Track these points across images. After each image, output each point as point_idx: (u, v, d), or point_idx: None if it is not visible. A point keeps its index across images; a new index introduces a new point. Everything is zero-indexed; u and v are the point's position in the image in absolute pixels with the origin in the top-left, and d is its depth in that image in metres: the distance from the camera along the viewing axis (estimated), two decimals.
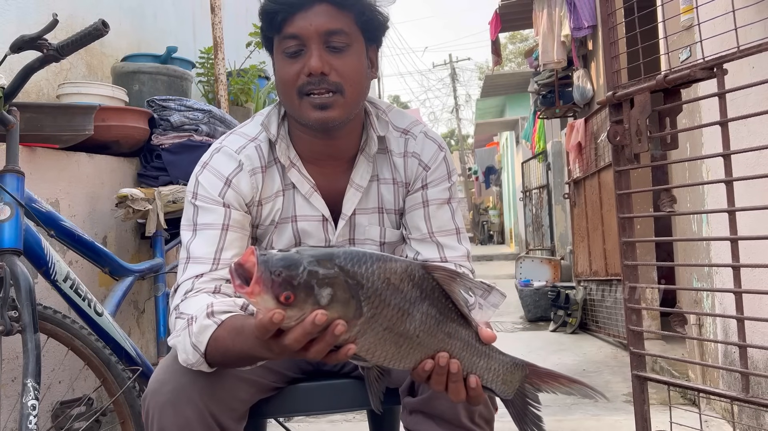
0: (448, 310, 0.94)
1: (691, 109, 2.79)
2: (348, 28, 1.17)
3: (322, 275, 0.82)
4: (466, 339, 0.96)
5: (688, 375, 3.16)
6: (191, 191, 1.23)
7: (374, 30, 1.23)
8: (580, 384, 1.02)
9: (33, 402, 1.44)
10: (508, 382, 1.00)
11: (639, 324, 1.82)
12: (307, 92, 1.16)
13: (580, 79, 5.49)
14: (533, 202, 10.01)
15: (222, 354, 1.06)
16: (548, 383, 1.02)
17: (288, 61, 1.17)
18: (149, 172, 2.62)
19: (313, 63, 1.14)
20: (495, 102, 15.37)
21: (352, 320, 0.85)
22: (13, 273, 1.52)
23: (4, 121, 1.65)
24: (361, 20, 1.19)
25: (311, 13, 1.14)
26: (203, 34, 3.85)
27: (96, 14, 2.97)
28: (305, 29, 1.15)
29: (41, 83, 2.62)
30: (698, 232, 2.89)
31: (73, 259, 2.15)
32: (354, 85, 1.18)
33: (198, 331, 1.06)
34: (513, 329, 5.58)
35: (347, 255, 0.85)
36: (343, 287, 0.83)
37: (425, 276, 0.91)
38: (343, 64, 1.17)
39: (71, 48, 1.57)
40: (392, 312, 0.87)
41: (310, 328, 0.83)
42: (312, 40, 1.15)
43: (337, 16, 1.16)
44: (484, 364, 0.98)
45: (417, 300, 0.90)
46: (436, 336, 0.93)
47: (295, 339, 0.84)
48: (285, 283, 0.80)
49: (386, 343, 0.89)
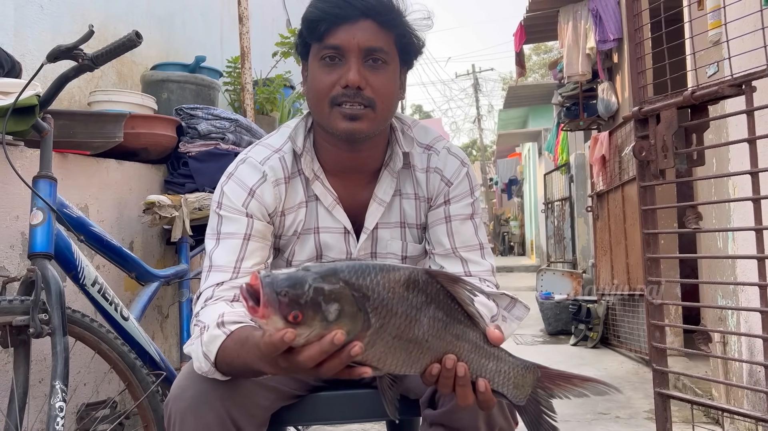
0: (454, 312, 0.94)
1: (718, 125, 2.77)
2: (387, 47, 1.19)
3: (328, 291, 0.83)
4: (474, 341, 0.96)
5: (711, 393, 3.12)
6: (216, 201, 1.25)
7: (410, 53, 1.25)
8: (593, 382, 1.00)
9: (60, 403, 1.47)
10: (519, 386, 0.99)
11: (662, 341, 1.80)
12: (340, 102, 1.18)
13: (605, 91, 5.46)
14: (555, 214, 9.94)
15: (228, 365, 1.07)
16: (560, 386, 1.01)
17: (325, 70, 1.19)
18: (176, 179, 2.66)
19: (351, 76, 1.16)
20: (518, 113, 15.32)
21: (360, 333, 0.85)
22: (44, 276, 1.55)
23: (39, 128, 1.70)
24: (400, 42, 1.21)
25: (355, 27, 1.16)
26: (231, 43, 3.91)
27: (127, 23, 3.04)
28: (347, 42, 1.16)
29: (73, 91, 2.68)
30: (723, 249, 2.85)
31: (100, 264, 2.19)
32: (386, 102, 1.20)
33: (208, 341, 1.08)
34: (533, 342, 5.54)
35: (351, 268, 0.86)
36: (350, 301, 0.84)
37: (429, 281, 0.92)
38: (379, 81, 1.18)
39: (105, 58, 1.61)
40: (400, 320, 0.88)
41: (328, 347, 0.83)
42: (352, 53, 1.17)
43: (380, 33, 1.18)
44: (494, 366, 0.98)
45: (423, 305, 0.90)
46: (444, 338, 0.93)
47: (310, 357, 0.84)
48: (292, 303, 0.81)
49: (396, 351, 0.90)
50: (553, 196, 10.22)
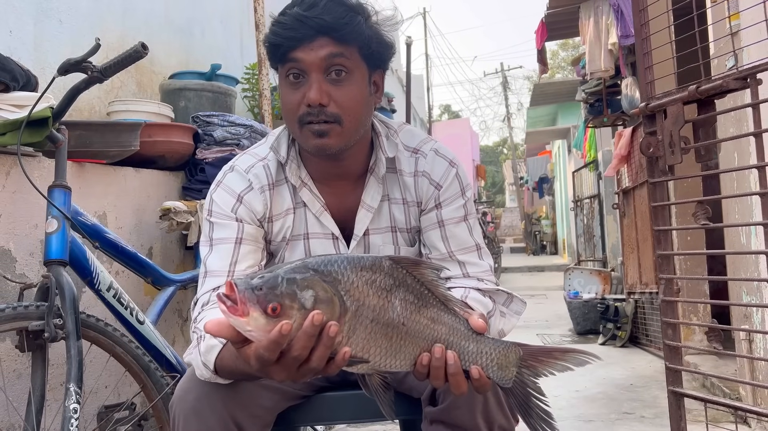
0: (425, 296, 0.98)
1: (739, 118, 2.72)
2: (349, 57, 1.18)
3: (300, 279, 0.87)
4: (451, 323, 0.99)
5: (738, 392, 3.05)
6: (207, 209, 1.28)
7: (378, 58, 1.24)
8: (573, 352, 1.02)
9: (75, 405, 1.52)
10: (503, 367, 1.01)
11: (676, 338, 1.78)
12: (307, 121, 1.18)
13: (629, 87, 5.37)
14: (584, 211, 9.82)
15: (229, 373, 1.10)
16: (543, 362, 1.02)
17: (290, 89, 1.20)
18: (193, 185, 2.71)
19: (312, 95, 1.16)
20: (546, 110, 15.16)
21: (340, 317, 0.89)
22: (59, 283, 1.61)
23: (53, 139, 1.75)
24: (364, 51, 1.20)
25: (314, 45, 1.16)
26: (250, 50, 3.97)
27: (146, 34, 3.11)
28: (306, 59, 1.16)
29: (93, 101, 2.76)
30: (747, 245, 2.79)
31: (119, 270, 2.25)
32: (352, 115, 1.20)
33: (205, 350, 1.11)
34: (561, 341, 5.49)
35: (317, 259, 0.92)
36: (322, 286, 0.88)
37: (393, 266, 0.96)
38: (342, 95, 1.18)
39: (113, 69, 1.65)
40: (373, 301, 0.92)
41: (312, 330, 0.85)
42: (312, 69, 1.17)
43: (338, 47, 1.17)
44: (475, 348, 0.99)
45: (392, 287, 0.94)
46: (419, 322, 0.96)
47: (302, 346, 0.86)
48: (268, 294, 0.85)
49: (377, 336, 0.93)
50: (583, 194, 10.09)
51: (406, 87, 4.85)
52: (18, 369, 1.87)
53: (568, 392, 3.63)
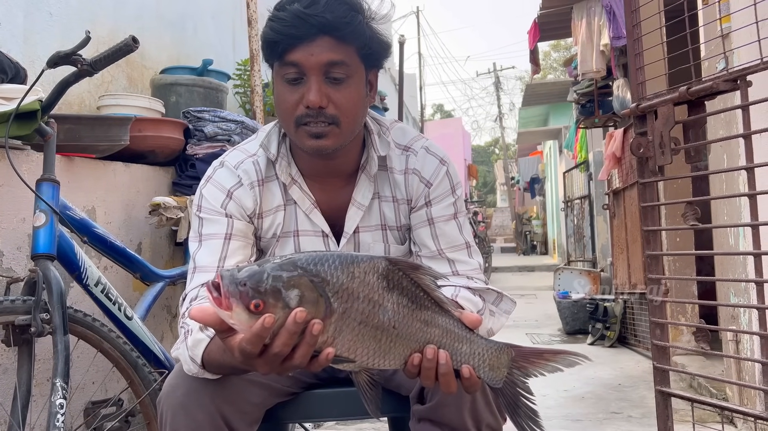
0: (420, 298, 0.95)
1: (728, 120, 2.73)
2: (349, 59, 1.17)
3: (287, 278, 0.85)
4: (445, 325, 0.97)
5: (725, 392, 3.07)
6: (197, 204, 1.27)
7: (376, 58, 1.23)
8: (564, 353, 1.01)
9: (61, 401, 1.50)
10: (495, 368, 1.00)
11: (664, 339, 1.79)
12: (304, 122, 1.17)
13: (620, 88, 5.40)
14: (575, 212, 9.87)
15: (216, 366, 1.09)
16: (534, 363, 1.01)
17: (287, 88, 1.18)
18: (184, 181, 2.70)
19: (311, 97, 1.15)
20: (538, 111, 15.20)
21: (326, 318, 0.87)
22: (46, 277, 1.59)
23: (42, 132, 1.74)
24: (363, 51, 1.19)
25: (313, 45, 1.14)
26: (242, 46, 3.95)
27: (138, 28, 3.09)
28: (306, 60, 1.15)
29: (83, 95, 2.74)
30: (735, 245, 2.81)
31: (108, 265, 2.23)
32: (350, 116, 1.19)
33: (193, 345, 1.10)
34: (550, 341, 5.51)
35: (308, 257, 0.88)
36: (309, 286, 0.86)
37: (391, 268, 0.93)
38: (341, 97, 1.17)
39: (103, 63, 1.64)
40: (363, 305, 0.89)
41: (294, 327, 0.84)
42: (312, 71, 1.15)
43: (339, 48, 1.15)
44: (468, 349, 0.98)
45: (386, 290, 0.91)
46: (412, 325, 0.94)
47: (283, 343, 0.86)
48: (252, 291, 0.83)
49: (365, 338, 0.91)
50: (573, 194, 10.14)
51: (398, 85, 4.85)
52: (4, 364, 1.86)
53: (557, 391, 3.64)
